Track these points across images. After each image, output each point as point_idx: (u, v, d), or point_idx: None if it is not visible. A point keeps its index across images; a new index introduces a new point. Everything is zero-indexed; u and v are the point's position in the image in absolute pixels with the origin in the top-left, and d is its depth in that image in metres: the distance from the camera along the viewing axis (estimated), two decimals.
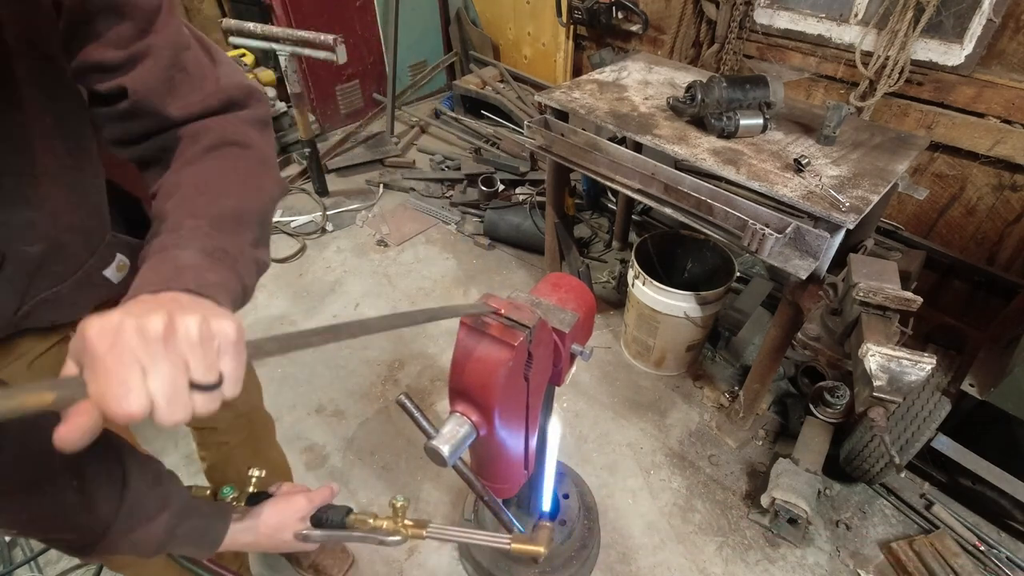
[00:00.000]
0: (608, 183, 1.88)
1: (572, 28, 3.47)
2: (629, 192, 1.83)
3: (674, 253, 2.42)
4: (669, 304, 2.07)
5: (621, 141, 2.03)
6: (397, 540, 0.90)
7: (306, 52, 2.76)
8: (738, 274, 2.22)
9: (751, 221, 1.52)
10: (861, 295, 1.34)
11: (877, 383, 1.22)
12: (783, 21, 2.56)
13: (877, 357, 1.22)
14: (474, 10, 4.19)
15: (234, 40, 2.88)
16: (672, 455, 2.08)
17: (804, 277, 1.51)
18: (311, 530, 0.86)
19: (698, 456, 2.08)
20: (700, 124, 1.86)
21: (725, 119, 1.76)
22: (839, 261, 1.57)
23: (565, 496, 1.68)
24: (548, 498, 1.45)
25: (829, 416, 1.96)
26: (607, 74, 2.25)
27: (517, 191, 3.29)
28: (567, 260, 2.58)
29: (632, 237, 3.02)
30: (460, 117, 3.92)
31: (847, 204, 1.48)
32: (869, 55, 2.27)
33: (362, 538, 0.90)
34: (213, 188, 0.72)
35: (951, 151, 2.25)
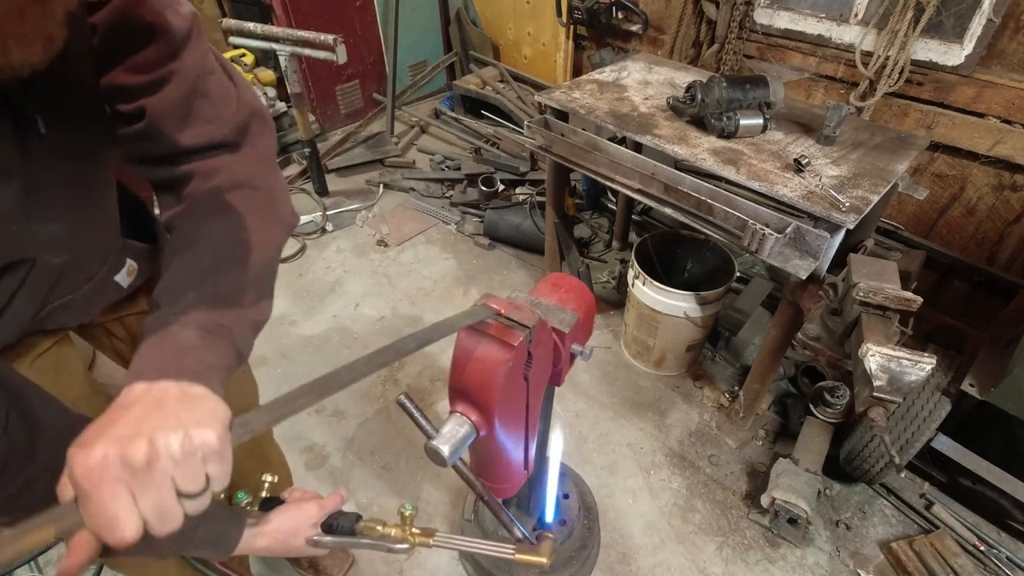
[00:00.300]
0: (608, 183, 1.88)
1: (572, 28, 3.47)
2: (629, 192, 1.83)
3: (674, 253, 2.42)
4: (669, 304, 2.07)
5: (621, 141, 2.03)
6: (405, 548, 0.91)
7: (306, 52, 2.76)
8: (738, 274, 2.22)
9: (751, 221, 1.52)
10: (861, 295, 1.34)
11: (877, 383, 1.22)
12: (783, 21, 2.56)
13: (877, 357, 1.22)
14: (474, 10, 4.19)
15: (234, 40, 2.88)
16: (672, 455, 2.08)
17: (804, 277, 1.51)
18: (322, 536, 0.87)
19: (698, 456, 2.08)
20: (700, 124, 1.86)
21: (725, 119, 1.76)
22: (839, 261, 1.57)
23: (565, 496, 1.68)
24: (551, 508, 1.44)
25: (829, 416, 1.96)
26: (607, 74, 2.25)
27: (517, 191, 3.30)
28: (567, 260, 2.58)
29: (632, 237, 3.02)
30: (460, 117, 3.92)
31: (847, 204, 1.48)
32: (869, 55, 2.27)
33: (371, 545, 0.91)
34: (219, 253, 0.75)
35: (951, 151, 2.25)
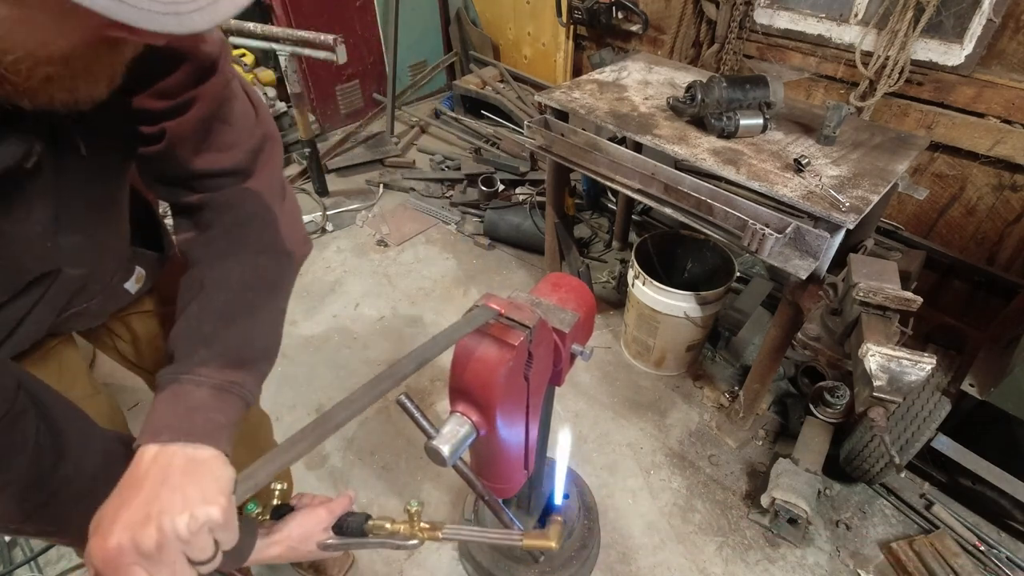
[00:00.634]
0: (608, 183, 1.88)
1: (572, 28, 3.47)
2: (629, 192, 1.83)
3: (674, 253, 2.42)
4: (669, 304, 2.07)
5: (621, 141, 2.03)
6: (414, 544, 0.92)
7: (306, 52, 2.76)
8: (738, 274, 2.22)
9: (751, 221, 1.52)
10: (861, 295, 1.34)
11: (877, 383, 1.22)
12: (783, 21, 2.56)
13: (877, 357, 1.22)
14: (474, 10, 4.19)
15: (234, 40, 2.88)
16: (672, 455, 2.08)
17: (804, 277, 1.51)
18: (333, 539, 0.88)
19: (698, 456, 2.08)
20: (700, 124, 1.86)
21: (725, 119, 1.76)
22: (839, 261, 1.57)
23: (565, 496, 1.68)
24: (560, 490, 1.40)
25: (829, 416, 1.96)
26: (607, 74, 2.25)
27: (517, 191, 3.29)
28: (567, 260, 2.58)
29: (632, 237, 3.02)
30: (460, 117, 3.92)
31: (847, 204, 1.48)
32: (869, 55, 2.27)
33: (381, 544, 0.92)
34: (232, 303, 0.79)
35: (951, 151, 2.25)
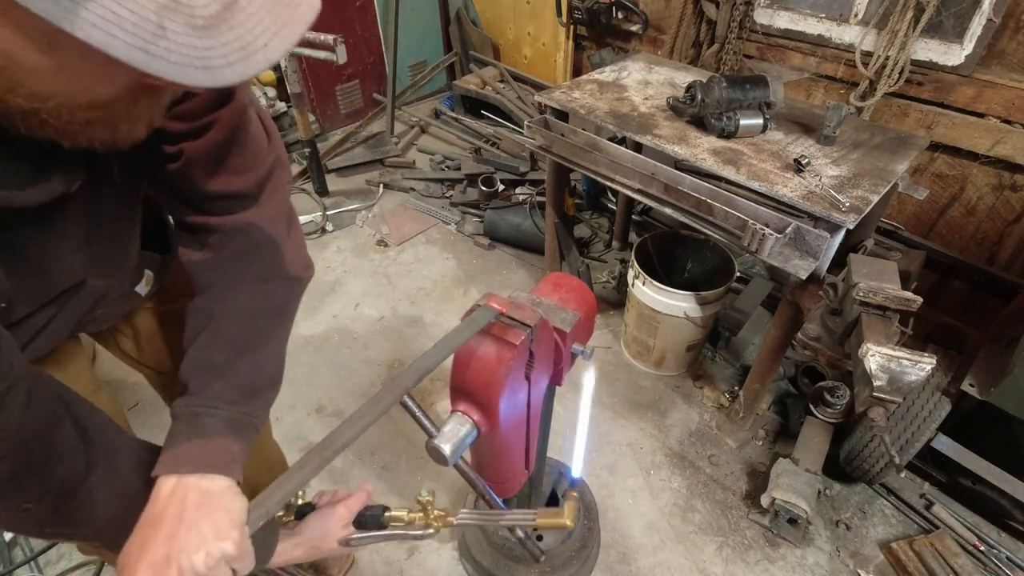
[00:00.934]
0: (608, 183, 1.88)
1: (572, 28, 3.47)
2: (629, 192, 1.83)
3: (674, 253, 2.42)
4: (669, 304, 2.07)
5: (621, 141, 2.03)
6: (431, 533, 0.94)
7: (306, 52, 2.75)
8: (738, 274, 2.22)
9: (751, 221, 1.52)
10: (861, 295, 1.34)
11: (877, 383, 1.22)
12: (783, 21, 2.57)
13: (877, 357, 1.22)
14: (474, 10, 4.19)
15: None
16: (672, 455, 2.08)
17: (804, 277, 1.51)
18: (354, 535, 0.91)
19: (698, 456, 2.08)
20: (700, 124, 1.86)
21: (725, 119, 1.76)
22: (839, 261, 1.57)
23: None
24: (579, 463, 1.25)
25: (829, 416, 1.96)
26: (607, 74, 2.25)
27: (517, 191, 3.30)
28: (567, 260, 2.58)
29: (632, 237, 3.02)
30: (460, 117, 3.92)
31: (847, 204, 1.48)
32: (869, 55, 2.27)
33: (399, 536, 0.94)
34: (243, 333, 0.83)
35: (951, 151, 2.25)
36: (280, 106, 3.57)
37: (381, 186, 3.50)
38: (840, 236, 1.52)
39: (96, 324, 0.98)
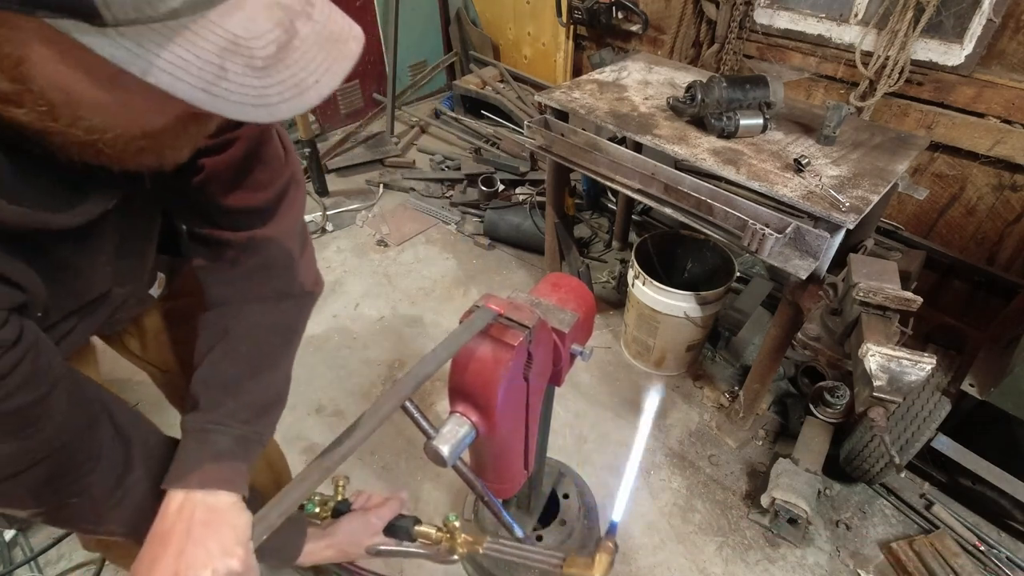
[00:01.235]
0: (608, 183, 1.88)
1: (572, 28, 3.46)
2: (629, 192, 1.83)
3: (674, 253, 2.42)
4: (669, 304, 2.07)
5: (621, 141, 2.03)
6: (454, 560, 0.94)
7: None
8: (738, 274, 2.22)
9: (751, 221, 1.52)
10: (861, 295, 1.34)
11: (877, 383, 1.22)
12: (783, 21, 2.56)
13: (877, 357, 1.22)
14: (474, 10, 4.19)
15: None
16: (672, 455, 2.08)
17: (804, 277, 1.51)
18: (382, 544, 0.92)
19: (698, 456, 2.08)
20: (700, 124, 1.86)
21: (725, 119, 1.76)
22: (839, 261, 1.57)
23: (565, 496, 1.68)
24: (623, 504, 1.02)
25: (829, 416, 1.96)
26: (607, 74, 2.25)
27: (517, 191, 3.29)
28: (567, 260, 2.58)
29: (632, 237, 3.02)
30: (460, 117, 3.92)
31: (847, 204, 1.48)
32: (869, 55, 2.26)
33: (423, 556, 0.95)
34: (255, 351, 0.85)
35: (951, 151, 2.25)
36: None
37: (381, 186, 3.50)
38: (840, 236, 1.52)
39: (111, 327, 1.00)
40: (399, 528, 0.95)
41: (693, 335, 2.18)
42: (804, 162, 1.61)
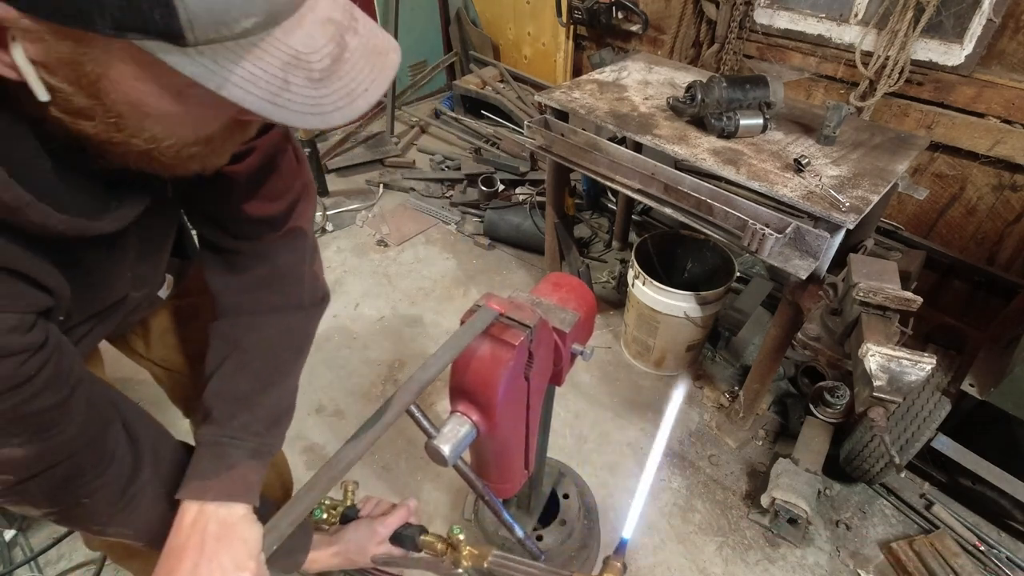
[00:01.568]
0: (608, 183, 1.88)
1: (572, 28, 3.46)
2: (629, 192, 1.83)
3: (674, 253, 2.42)
4: (669, 304, 2.07)
5: (621, 141, 2.03)
6: (459, 573, 0.95)
7: None
8: (738, 274, 2.22)
9: (751, 221, 1.52)
10: (861, 295, 1.34)
11: (877, 383, 1.22)
12: (783, 21, 2.56)
13: (877, 357, 1.22)
14: (474, 10, 4.19)
15: None
16: (672, 455, 2.08)
17: (804, 277, 1.51)
18: (386, 552, 0.93)
19: (698, 456, 2.08)
20: (700, 124, 1.86)
21: (725, 119, 1.76)
22: (839, 261, 1.57)
23: (565, 496, 1.68)
24: (634, 520, 0.97)
25: (829, 416, 1.96)
26: (607, 74, 2.25)
27: (517, 191, 3.29)
28: (567, 260, 2.58)
29: (632, 237, 3.02)
30: (460, 117, 3.91)
31: (847, 204, 1.48)
32: (869, 55, 2.26)
33: (428, 567, 0.96)
34: (267, 366, 0.87)
35: (951, 151, 2.25)
36: None
37: (381, 186, 3.50)
38: (840, 236, 1.52)
39: (120, 329, 1.02)
40: (405, 537, 0.95)
41: (693, 335, 2.18)
42: (804, 162, 1.61)
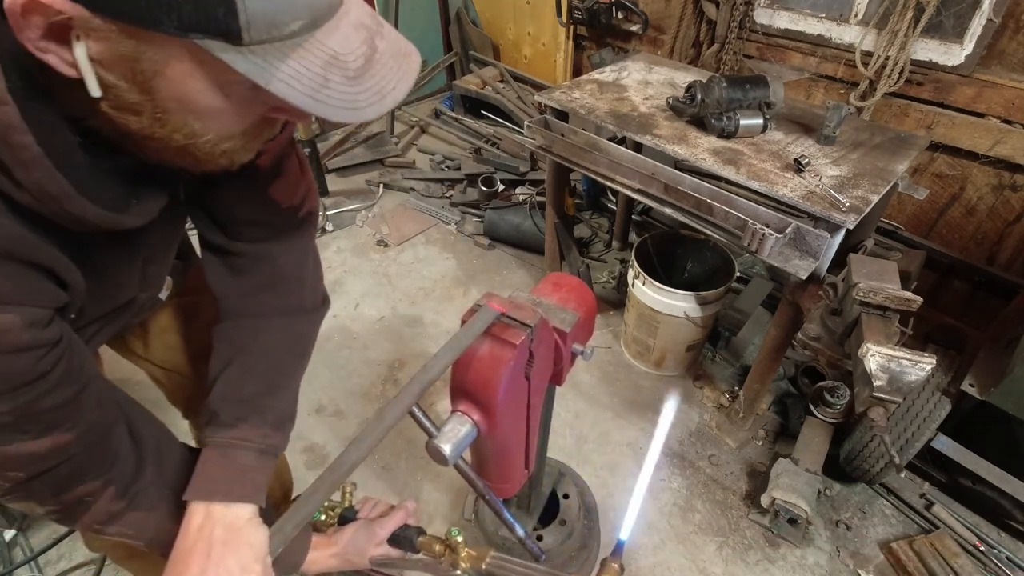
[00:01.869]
0: (608, 183, 1.88)
1: (572, 28, 3.46)
2: (629, 192, 1.83)
3: (674, 253, 2.42)
4: (669, 304, 2.07)
5: (621, 141, 2.03)
6: (458, 575, 0.94)
7: None
8: (738, 274, 2.22)
9: (751, 221, 1.52)
10: (861, 295, 1.34)
11: (877, 383, 1.22)
12: (783, 21, 2.56)
13: (877, 357, 1.22)
14: (474, 10, 4.19)
15: None
16: (672, 455, 2.08)
17: (804, 277, 1.51)
18: (384, 554, 0.94)
19: (698, 456, 2.08)
20: (700, 124, 1.86)
21: (725, 119, 1.76)
22: (839, 261, 1.57)
23: (565, 496, 1.68)
24: (631, 522, 1.01)
25: (829, 416, 1.96)
26: (607, 74, 2.25)
27: (517, 191, 3.29)
28: (567, 260, 2.58)
29: (632, 237, 3.02)
30: (460, 117, 3.92)
31: (847, 204, 1.48)
32: (869, 55, 2.27)
33: (426, 570, 0.97)
34: (272, 369, 0.88)
35: (951, 151, 2.25)
36: None
37: (381, 186, 3.50)
38: (840, 236, 1.52)
39: (124, 330, 1.03)
40: (403, 539, 0.95)
41: (693, 335, 2.18)
42: (804, 162, 1.61)
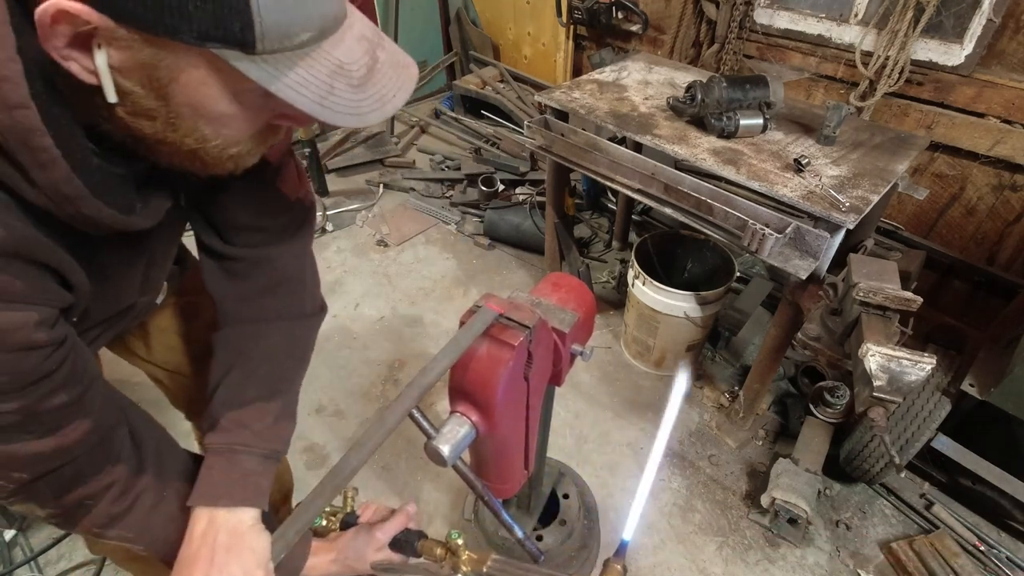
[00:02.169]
0: (608, 183, 1.88)
1: (572, 28, 3.46)
2: (629, 192, 1.83)
3: (674, 253, 2.42)
4: (669, 304, 2.07)
5: (621, 141, 2.03)
6: None
7: None
8: (738, 274, 2.22)
9: (751, 221, 1.52)
10: (861, 295, 1.34)
11: (877, 383, 1.22)
12: (783, 21, 2.56)
13: (877, 357, 1.22)
14: (474, 10, 4.19)
15: None
16: (672, 455, 2.08)
17: (804, 277, 1.51)
18: (385, 559, 0.94)
19: (698, 456, 2.08)
20: (700, 124, 1.85)
21: (725, 119, 1.76)
22: (839, 261, 1.57)
23: (565, 496, 1.68)
24: (634, 522, 0.97)
25: (829, 416, 1.96)
26: (607, 74, 2.25)
27: (517, 191, 3.29)
28: (567, 260, 2.58)
29: (632, 237, 3.02)
30: (460, 117, 3.91)
31: (847, 204, 1.48)
32: (869, 55, 2.26)
33: (426, 569, 0.97)
34: (273, 374, 0.89)
35: (951, 151, 2.25)
36: None
37: (381, 186, 3.50)
38: (840, 236, 1.52)
39: (124, 333, 1.04)
40: (404, 543, 0.95)
41: (693, 335, 2.18)
42: (804, 162, 1.61)
